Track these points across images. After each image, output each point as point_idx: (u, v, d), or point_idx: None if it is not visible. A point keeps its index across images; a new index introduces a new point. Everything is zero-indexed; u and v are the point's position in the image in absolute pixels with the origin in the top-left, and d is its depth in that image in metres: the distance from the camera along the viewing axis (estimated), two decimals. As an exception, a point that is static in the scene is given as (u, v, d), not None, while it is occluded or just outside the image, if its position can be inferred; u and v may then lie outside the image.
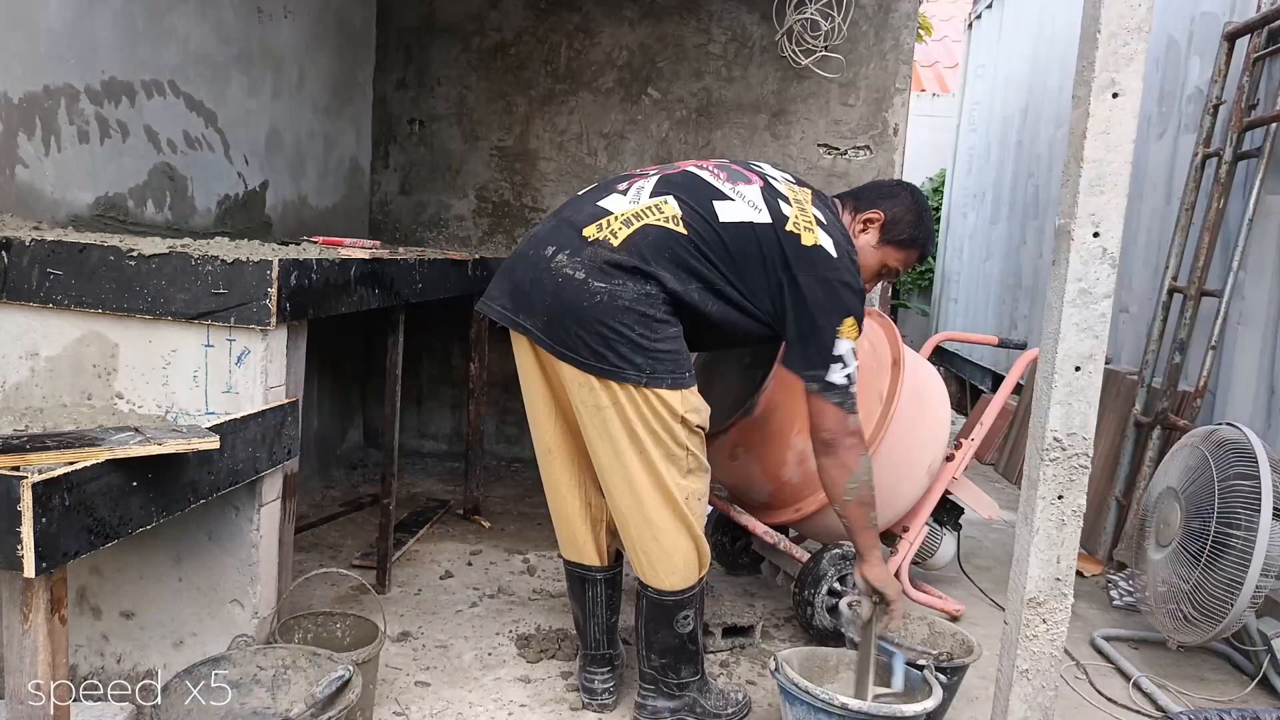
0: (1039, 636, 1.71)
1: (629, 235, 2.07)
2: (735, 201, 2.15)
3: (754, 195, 2.17)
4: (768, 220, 2.13)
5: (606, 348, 2.02)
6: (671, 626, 2.23)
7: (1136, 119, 1.58)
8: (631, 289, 2.03)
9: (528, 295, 2.10)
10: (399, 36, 4.56)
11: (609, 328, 2.02)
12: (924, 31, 8.26)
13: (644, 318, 2.04)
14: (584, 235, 2.08)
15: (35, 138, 2.43)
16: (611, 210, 2.12)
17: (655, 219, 2.09)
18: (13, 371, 2.06)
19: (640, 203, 2.12)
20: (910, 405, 2.89)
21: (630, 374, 2.03)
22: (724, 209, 2.13)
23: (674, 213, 2.11)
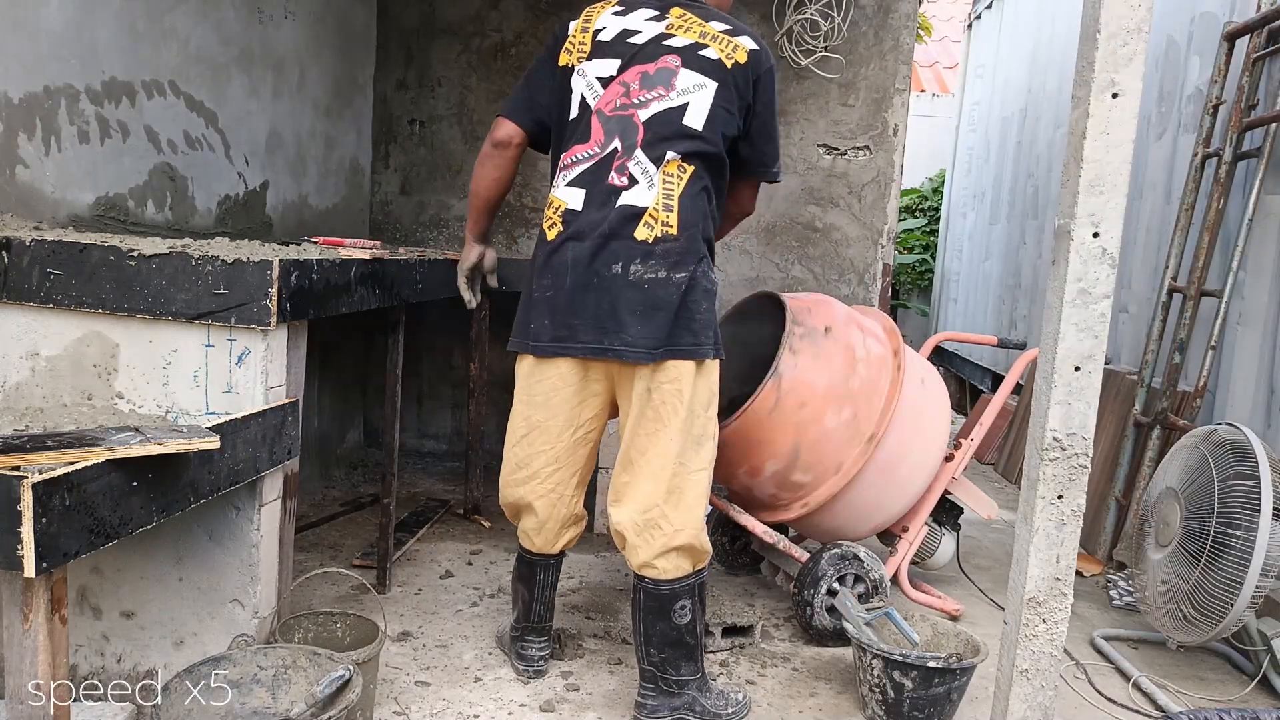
0: (1039, 636, 1.71)
1: (679, 218, 2.20)
2: (689, 103, 2.24)
3: (689, 78, 2.25)
4: (716, 83, 2.25)
5: (703, 328, 2.19)
6: (669, 618, 2.25)
7: (1136, 119, 1.58)
8: (698, 269, 2.20)
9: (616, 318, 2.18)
10: (399, 37, 4.56)
11: (699, 310, 2.19)
12: (924, 32, 8.27)
13: (709, 294, 2.22)
14: (643, 240, 2.18)
15: (35, 138, 2.43)
16: (645, 204, 2.20)
17: (679, 186, 2.22)
18: (13, 371, 2.06)
19: (655, 183, 2.20)
20: (910, 405, 2.89)
21: (707, 349, 2.21)
22: (692, 118, 2.23)
23: (676, 163, 2.22)
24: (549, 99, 2.38)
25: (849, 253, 4.36)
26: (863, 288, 4.36)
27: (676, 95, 2.23)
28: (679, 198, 2.20)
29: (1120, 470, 3.80)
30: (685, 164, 2.22)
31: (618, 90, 2.27)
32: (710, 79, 2.24)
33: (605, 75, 2.29)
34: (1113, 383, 4.05)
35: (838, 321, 2.91)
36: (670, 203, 2.19)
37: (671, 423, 2.19)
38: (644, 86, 2.25)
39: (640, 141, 2.22)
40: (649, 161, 2.21)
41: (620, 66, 2.28)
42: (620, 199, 2.20)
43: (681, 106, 2.22)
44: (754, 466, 2.85)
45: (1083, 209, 1.60)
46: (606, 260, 2.18)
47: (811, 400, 2.76)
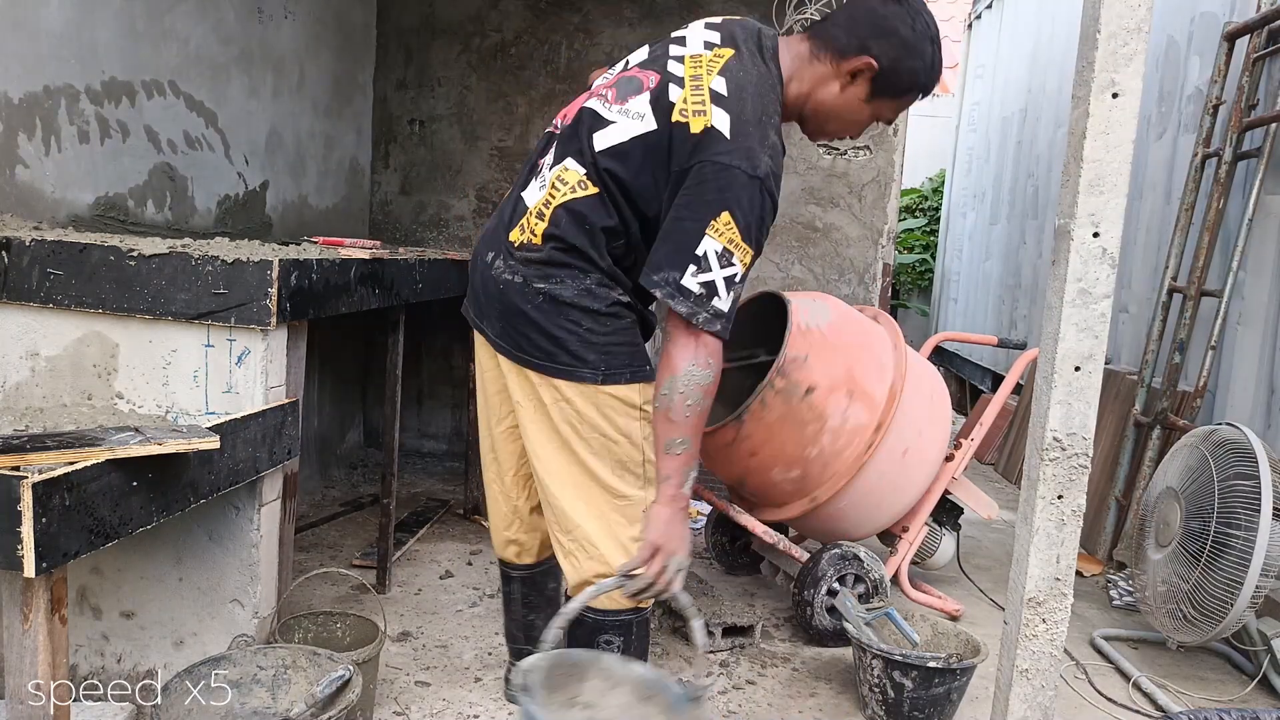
0: (1039, 636, 1.71)
1: (546, 228, 1.89)
2: (616, 124, 1.88)
3: (640, 104, 1.87)
4: (651, 126, 1.84)
5: (557, 347, 1.88)
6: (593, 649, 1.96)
7: (1136, 119, 1.58)
8: (571, 285, 1.88)
9: (479, 300, 2.01)
10: (399, 36, 4.56)
11: (558, 326, 1.88)
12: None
13: (589, 313, 1.88)
14: (511, 241, 1.94)
15: (35, 138, 2.43)
16: (528, 205, 1.94)
17: (563, 195, 1.88)
18: (13, 371, 2.06)
19: (546, 184, 1.92)
20: (910, 405, 2.89)
21: (584, 372, 1.88)
22: (601, 138, 1.87)
23: (577, 176, 1.88)
24: None
25: (849, 252, 4.36)
26: (863, 287, 4.36)
27: (618, 111, 1.90)
28: (556, 210, 1.88)
29: (1120, 470, 3.80)
30: (588, 182, 1.87)
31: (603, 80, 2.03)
32: (652, 117, 1.85)
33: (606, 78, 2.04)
34: (1113, 383, 4.05)
35: (838, 321, 2.91)
36: (544, 211, 1.89)
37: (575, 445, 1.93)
38: (620, 95, 1.93)
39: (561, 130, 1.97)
40: (553, 160, 1.94)
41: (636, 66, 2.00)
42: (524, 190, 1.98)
43: (610, 123, 1.89)
44: (754, 466, 2.85)
45: (1083, 209, 1.60)
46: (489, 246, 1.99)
47: (811, 400, 2.76)
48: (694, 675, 2.56)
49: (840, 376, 2.79)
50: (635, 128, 1.85)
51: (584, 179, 1.88)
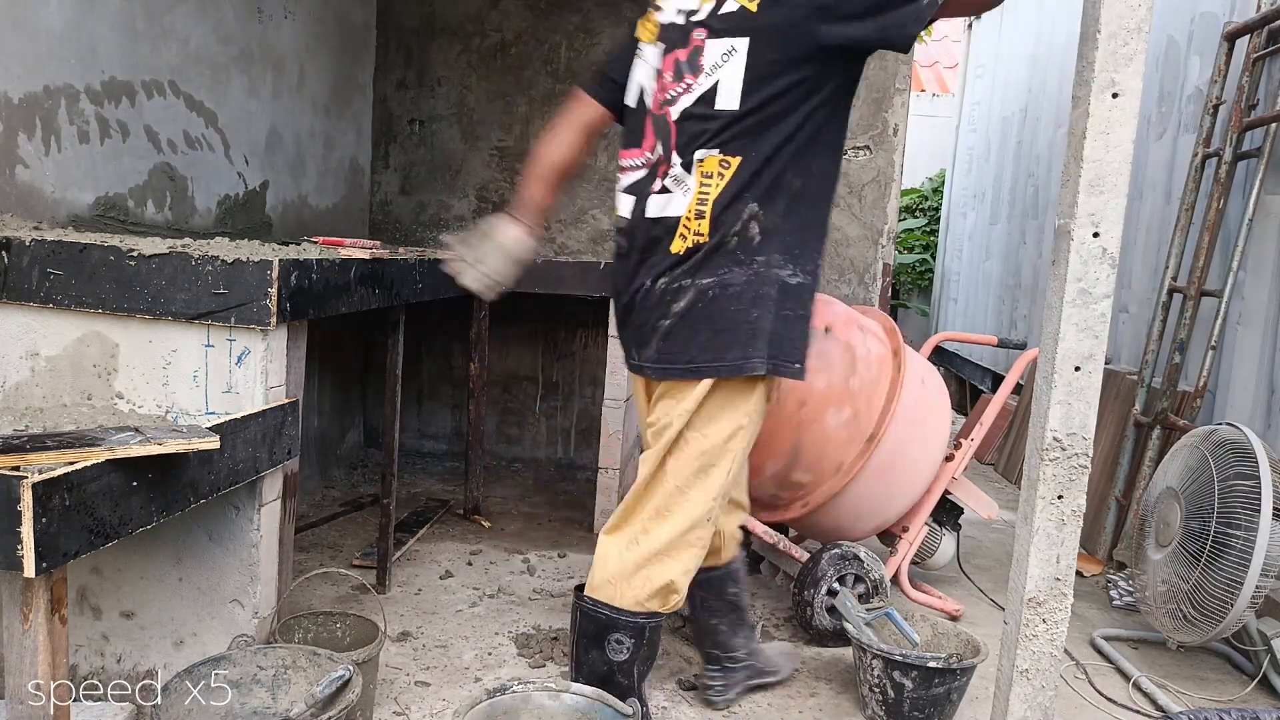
0: (1039, 636, 1.71)
1: (711, 220, 1.89)
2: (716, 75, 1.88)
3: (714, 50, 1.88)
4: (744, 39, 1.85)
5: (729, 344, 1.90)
6: (602, 649, 2.00)
7: (1136, 119, 1.58)
8: (739, 274, 1.89)
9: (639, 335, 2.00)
10: (399, 36, 4.56)
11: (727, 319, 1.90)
12: (924, 31, 8.25)
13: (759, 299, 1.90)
14: (674, 252, 1.93)
15: (35, 138, 2.43)
16: (678, 213, 1.92)
17: (719, 185, 1.89)
18: (13, 371, 2.06)
19: (693, 186, 1.91)
20: (910, 406, 2.89)
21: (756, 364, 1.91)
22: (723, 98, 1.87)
23: (715, 161, 1.88)
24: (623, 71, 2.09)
25: (849, 253, 4.36)
26: (863, 288, 4.36)
27: (705, 77, 1.89)
28: (713, 201, 1.89)
29: (1120, 470, 3.80)
30: (728, 157, 1.88)
31: (659, 84, 1.99)
32: (739, 37, 1.85)
33: (655, 66, 2.00)
34: (1113, 383, 4.05)
35: (838, 321, 2.91)
36: (704, 209, 1.89)
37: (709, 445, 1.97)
38: (675, 78, 1.94)
39: (675, 144, 1.93)
40: (681, 167, 1.92)
41: (662, 54, 1.98)
42: (654, 209, 1.96)
43: (712, 89, 1.88)
44: (754, 466, 2.85)
45: (1083, 209, 1.60)
46: (642, 276, 1.98)
47: (811, 399, 2.76)
48: (696, 675, 2.56)
49: (839, 374, 2.79)
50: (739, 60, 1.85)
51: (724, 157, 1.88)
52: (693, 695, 2.48)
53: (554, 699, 1.87)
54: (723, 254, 1.90)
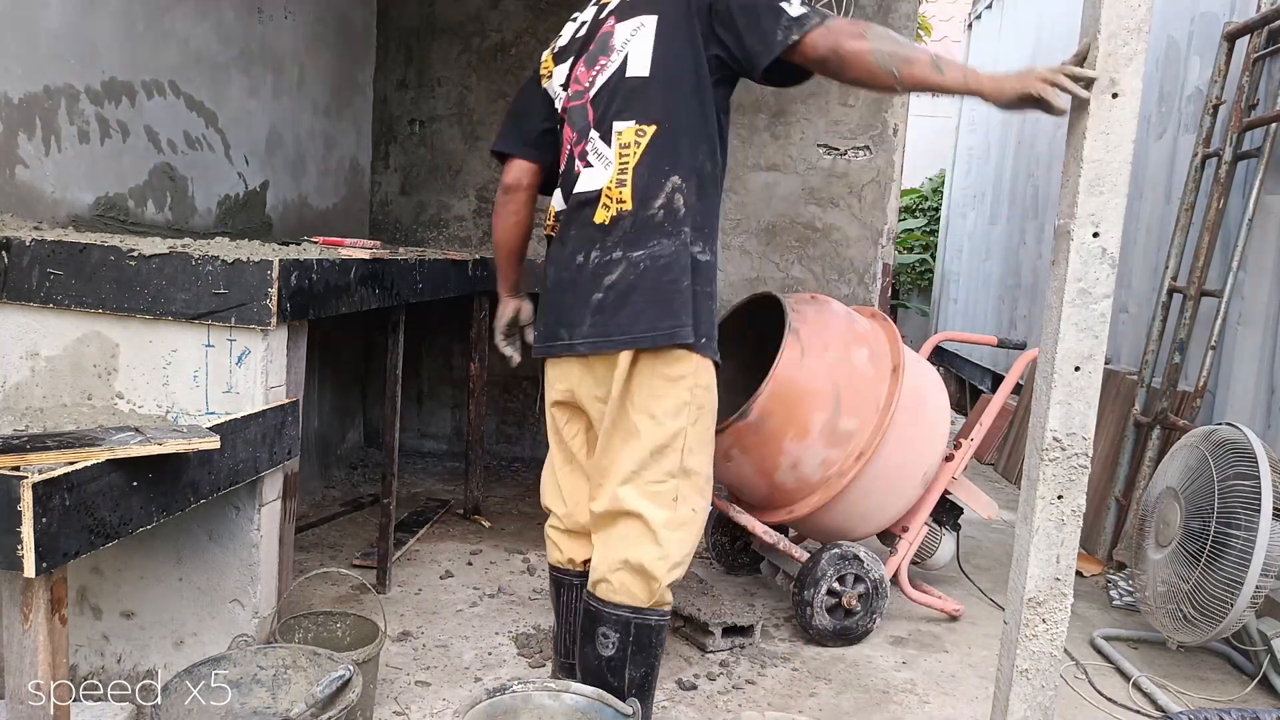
0: (1039, 636, 1.71)
1: (633, 188, 1.94)
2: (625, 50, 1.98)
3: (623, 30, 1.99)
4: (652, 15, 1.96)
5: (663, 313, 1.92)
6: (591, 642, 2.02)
7: (1136, 119, 1.58)
8: (668, 245, 1.93)
9: (571, 312, 2.01)
10: (399, 36, 4.56)
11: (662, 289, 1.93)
12: (924, 31, 8.26)
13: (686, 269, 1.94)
14: (598, 222, 1.97)
15: (35, 138, 2.43)
16: (599, 185, 1.98)
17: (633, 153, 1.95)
18: (13, 371, 2.06)
19: (613, 156, 1.97)
20: (910, 406, 2.89)
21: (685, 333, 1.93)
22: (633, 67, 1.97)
23: (632, 132, 1.95)
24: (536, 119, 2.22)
25: (849, 253, 4.36)
26: (863, 288, 4.36)
27: (616, 54, 1.99)
28: (634, 168, 1.94)
29: (1120, 470, 3.80)
30: (643, 126, 1.94)
31: (573, 85, 2.10)
32: (646, 14, 1.97)
33: (564, 78, 2.13)
34: (1113, 383, 4.05)
35: (836, 323, 2.91)
36: (624, 176, 1.95)
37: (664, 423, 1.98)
38: (589, 66, 2.05)
39: (593, 120, 2.01)
40: (598, 139, 1.99)
41: (570, 66, 2.11)
42: (579, 183, 2.02)
43: (624, 62, 1.98)
44: (749, 470, 2.85)
45: (1083, 209, 1.60)
46: (575, 253, 2.01)
47: (810, 399, 2.76)
48: (696, 674, 2.56)
49: (840, 374, 2.79)
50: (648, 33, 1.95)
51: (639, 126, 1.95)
52: (691, 695, 2.48)
53: (554, 699, 1.87)
54: (651, 227, 1.94)
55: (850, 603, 2.84)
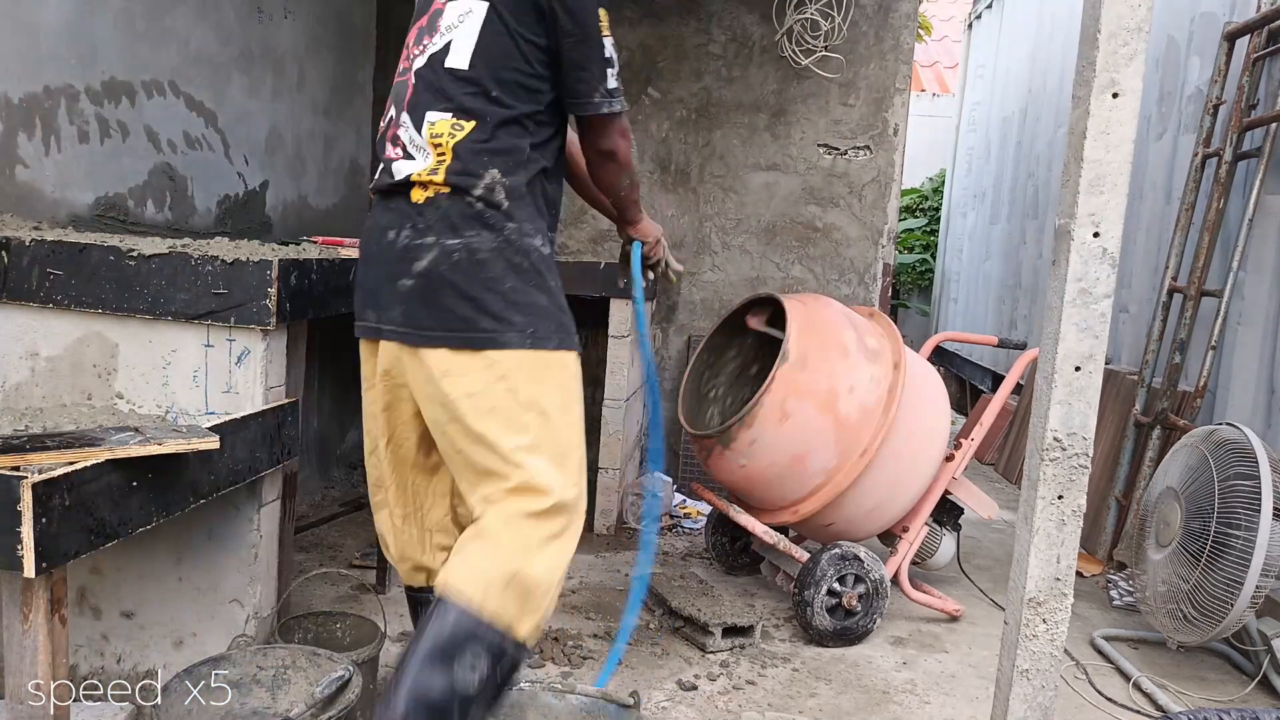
0: (1039, 636, 1.71)
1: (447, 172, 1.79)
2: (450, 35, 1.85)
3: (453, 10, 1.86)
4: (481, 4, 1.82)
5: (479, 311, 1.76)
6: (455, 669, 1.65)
7: (1136, 119, 1.58)
8: (489, 238, 1.78)
9: (378, 293, 1.85)
10: (399, 37, 4.52)
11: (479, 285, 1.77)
12: (924, 31, 8.26)
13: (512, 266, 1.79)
14: (415, 201, 1.81)
15: (35, 138, 2.43)
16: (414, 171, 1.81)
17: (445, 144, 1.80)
18: (13, 371, 2.06)
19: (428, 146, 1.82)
20: (910, 406, 2.89)
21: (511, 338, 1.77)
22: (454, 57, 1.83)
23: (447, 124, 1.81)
24: None
25: (849, 252, 4.36)
26: (863, 288, 4.36)
27: (439, 37, 1.85)
28: (453, 148, 1.79)
29: (1120, 470, 3.80)
30: (461, 120, 1.80)
31: (403, 56, 1.95)
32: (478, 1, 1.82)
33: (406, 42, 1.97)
34: (1113, 383, 4.05)
35: (836, 323, 2.91)
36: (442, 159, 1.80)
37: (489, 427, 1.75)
38: (416, 41, 1.91)
39: (407, 102, 1.86)
40: (410, 126, 1.84)
41: (412, 25, 1.96)
42: (394, 171, 1.85)
43: (444, 47, 1.84)
44: (749, 470, 2.85)
45: (1083, 209, 1.59)
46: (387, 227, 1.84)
47: (811, 399, 2.76)
48: (696, 675, 2.56)
49: (840, 373, 2.79)
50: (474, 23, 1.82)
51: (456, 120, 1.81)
52: (691, 695, 2.48)
53: (559, 698, 1.87)
54: (470, 215, 1.79)
55: (850, 603, 2.84)
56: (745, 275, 4.39)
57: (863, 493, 2.88)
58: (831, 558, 2.86)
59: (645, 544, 2.19)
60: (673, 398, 4.39)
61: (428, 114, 1.83)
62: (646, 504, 2.34)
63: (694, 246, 4.41)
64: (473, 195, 1.79)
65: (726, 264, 4.40)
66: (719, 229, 4.41)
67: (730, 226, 4.39)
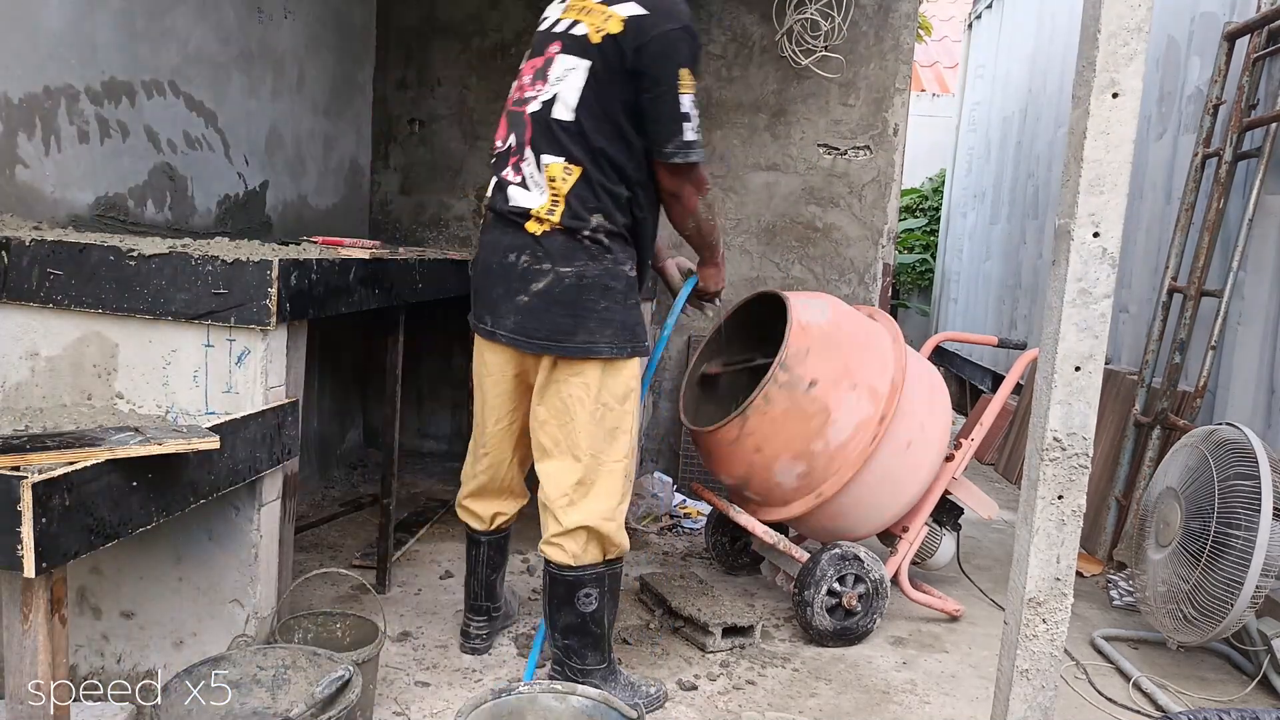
0: (1039, 636, 1.71)
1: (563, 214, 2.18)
2: (558, 87, 2.19)
3: (561, 64, 2.19)
4: (584, 61, 2.16)
5: (584, 328, 2.18)
6: (573, 604, 2.29)
7: (1136, 119, 1.58)
8: (594, 267, 2.18)
9: (499, 304, 2.26)
10: (399, 36, 4.56)
11: (595, 307, 2.19)
12: (924, 31, 8.27)
13: (608, 290, 2.20)
14: (531, 233, 2.21)
15: (35, 138, 2.43)
16: (531, 205, 2.21)
17: (567, 183, 2.18)
18: (13, 371, 2.06)
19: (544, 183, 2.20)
20: (910, 405, 2.89)
21: (603, 347, 2.20)
22: (560, 109, 2.18)
23: (560, 168, 2.18)
24: None
25: (849, 252, 4.36)
26: (863, 287, 4.36)
27: (550, 87, 2.20)
28: (565, 196, 2.18)
29: (1120, 470, 3.80)
30: (571, 165, 2.18)
31: (519, 84, 2.30)
32: (580, 58, 2.17)
33: (520, 68, 2.33)
34: (1113, 383, 4.05)
35: (837, 318, 2.91)
36: (556, 203, 2.19)
37: (579, 416, 2.23)
38: (532, 80, 2.25)
39: (528, 140, 2.23)
40: (534, 163, 2.22)
41: (528, 58, 2.31)
42: (512, 196, 2.25)
43: (551, 99, 2.19)
44: (766, 461, 2.85)
45: (1083, 209, 1.59)
46: (509, 249, 2.24)
47: (814, 392, 2.76)
48: (696, 675, 2.56)
49: (841, 370, 2.79)
50: (578, 78, 2.15)
51: (567, 164, 2.18)
52: (691, 695, 2.48)
53: (560, 700, 1.87)
54: (580, 247, 2.18)
55: (850, 603, 2.84)
56: (745, 275, 4.39)
57: (863, 491, 2.88)
58: (831, 558, 2.86)
59: None
60: (673, 397, 4.39)
61: (543, 156, 2.20)
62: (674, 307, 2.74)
63: (694, 246, 4.41)
64: (582, 235, 2.18)
65: (727, 264, 4.40)
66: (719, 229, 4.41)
67: (730, 226, 4.39)
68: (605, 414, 2.24)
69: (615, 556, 2.33)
